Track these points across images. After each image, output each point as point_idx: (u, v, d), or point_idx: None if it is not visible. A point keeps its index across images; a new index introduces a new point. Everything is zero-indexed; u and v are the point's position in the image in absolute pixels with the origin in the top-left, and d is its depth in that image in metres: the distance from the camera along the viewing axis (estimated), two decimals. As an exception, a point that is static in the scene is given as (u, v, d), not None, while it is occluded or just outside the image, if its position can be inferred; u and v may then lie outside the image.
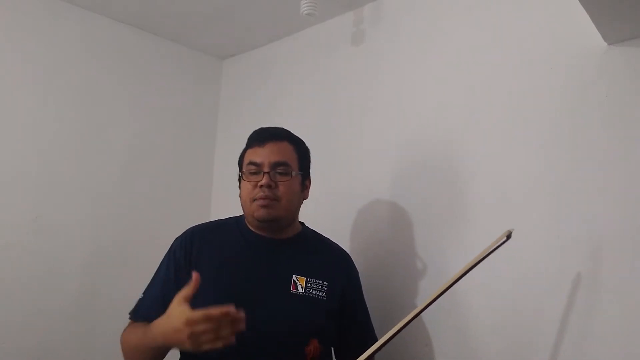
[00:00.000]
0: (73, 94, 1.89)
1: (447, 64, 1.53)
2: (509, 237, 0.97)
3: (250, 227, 1.30)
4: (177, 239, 1.32)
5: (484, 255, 0.96)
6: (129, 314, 1.25)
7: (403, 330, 0.96)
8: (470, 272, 1.04)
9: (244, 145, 1.33)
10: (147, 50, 2.12)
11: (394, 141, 1.63)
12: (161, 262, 1.30)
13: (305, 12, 1.62)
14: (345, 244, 1.59)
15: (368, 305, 1.41)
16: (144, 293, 1.27)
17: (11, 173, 1.73)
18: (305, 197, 1.34)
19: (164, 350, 1.12)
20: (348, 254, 1.42)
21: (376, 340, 1.32)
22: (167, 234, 1.37)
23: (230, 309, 0.94)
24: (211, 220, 1.47)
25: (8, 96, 1.74)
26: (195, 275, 1.00)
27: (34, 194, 1.78)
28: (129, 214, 2.00)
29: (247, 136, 1.33)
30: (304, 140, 1.36)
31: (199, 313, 0.94)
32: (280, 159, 1.25)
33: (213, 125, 2.32)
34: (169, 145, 2.15)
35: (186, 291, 0.99)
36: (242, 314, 0.95)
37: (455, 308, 1.39)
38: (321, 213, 1.69)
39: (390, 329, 0.95)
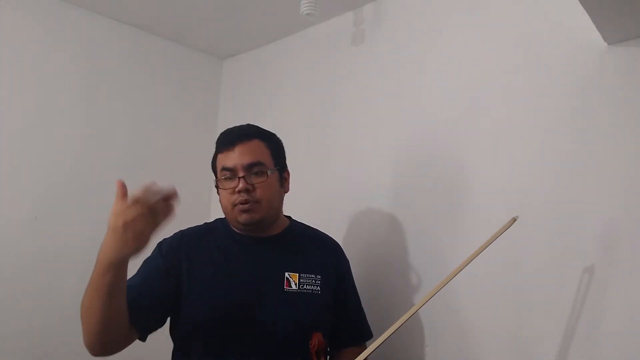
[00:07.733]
0: (73, 94, 1.89)
1: (447, 64, 1.53)
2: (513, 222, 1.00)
3: (235, 230, 1.28)
4: (164, 241, 1.24)
5: (492, 239, 0.99)
6: None
7: (404, 331, 0.97)
8: (471, 271, 1.04)
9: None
10: (147, 50, 2.11)
11: (394, 141, 1.62)
12: (144, 261, 1.22)
13: (305, 12, 1.62)
14: (345, 245, 1.59)
15: (368, 305, 1.41)
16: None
17: (11, 173, 1.73)
18: (286, 191, 1.31)
19: (114, 277, 0.98)
20: (337, 243, 1.40)
21: (368, 327, 1.37)
22: (166, 234, 1.36)
23: (152, 183, 0.93)
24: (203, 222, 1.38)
25: (7, 96, 1.74)
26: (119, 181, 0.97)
27: (34, 194, 1.77)
28: (129, 214, 2.00)
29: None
30: (300, 139, 1.35)
31: (123, 201, 0.95)
32: (253, 159, 1.21)
33: (213, 125, 2.31)
34: (169, 145, 2.15)
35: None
36: (173, 189, 0.92)
37: (455, 307, 1.39)
38: (319, 213, 1.69)
39: (393, 326, 0.96)
